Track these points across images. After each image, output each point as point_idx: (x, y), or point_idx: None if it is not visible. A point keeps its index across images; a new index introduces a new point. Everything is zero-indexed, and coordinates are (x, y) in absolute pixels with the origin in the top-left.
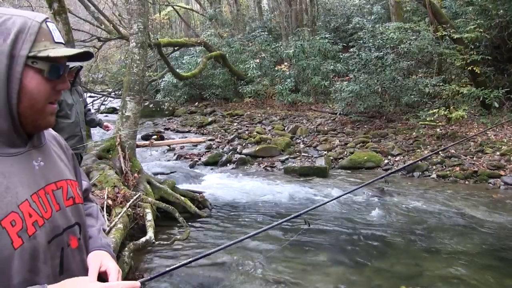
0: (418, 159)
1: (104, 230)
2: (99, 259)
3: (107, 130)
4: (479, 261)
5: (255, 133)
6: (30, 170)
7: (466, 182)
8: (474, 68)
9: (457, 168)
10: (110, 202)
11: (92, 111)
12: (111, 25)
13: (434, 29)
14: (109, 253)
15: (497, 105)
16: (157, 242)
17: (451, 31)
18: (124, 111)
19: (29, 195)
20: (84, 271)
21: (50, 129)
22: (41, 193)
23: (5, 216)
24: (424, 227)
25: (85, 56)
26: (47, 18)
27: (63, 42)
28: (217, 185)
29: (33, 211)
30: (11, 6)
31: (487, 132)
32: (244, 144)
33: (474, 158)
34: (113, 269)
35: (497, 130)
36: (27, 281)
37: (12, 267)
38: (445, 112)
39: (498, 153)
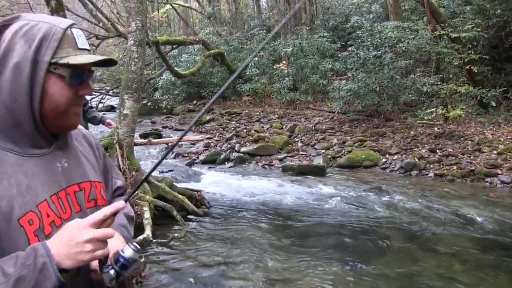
0: None
1: (131, 218)
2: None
3: (110, 127)
4: (476, 259)
5: (253, 132)
6: (52, 171)
7: (463, 181)
8: (472, 67)
9: (455, 167)
10: None
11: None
12: (109, 23)
13: (432, 28)
14: (121, 233)
15: (494, 104)
16: (154, 240)
17: (449, 30)
18: (122, 109)
19: (48, 196)
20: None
21: (83, 128)
22: (62, 194)
23: (23, 215)
24: (422, 226)
25: (108, 62)
26: (73, 24)
27: (88, 48)
28: (215, 183)
29: (51, 211)
30: (8, 3)
31: (485, 131)
32: (242, 143)
33: (471, 157)
34: (119, 241)
35: (494, 129)
36: None
37: None
38: (443, 111)
39: (495, 152)
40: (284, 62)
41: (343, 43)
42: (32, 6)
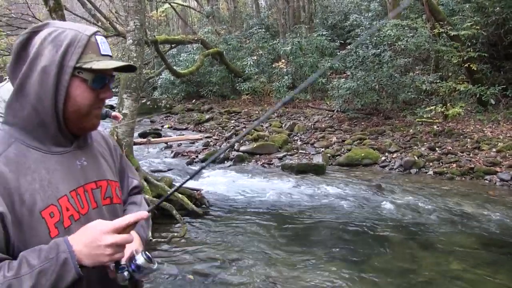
0: None
1: (147, 218)
2: None
3: (117, 120)
4: (475, 256)
5: (252, 130)
6: (72, 169)
7: (463, 179)
8: (471, 65)
9: (454, 165)
10: None
11: None
12: (108, 22)
13: (431, 26)
14: (138, 233)
15: (493, 102)
16: (154, 240)
17: (448, 28)
18: (121, 109)
19: (68, 191)
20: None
21: (102, 130)
22: (80, 191)
23: (45, 207)
24: (421, 223)
25: (129, 68)
26: (97, 31)
27: (110, 54)
28: (215, 182)
29: (70, 206)
30: (6, 3)
31: (484, 129)
32: (241, 141)
33: (471, 155)
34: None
35: (493, 126)
36: None
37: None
38: (442, 109)
39: (494, 149)
40: (283, 60)
41: (342, 42)
42: (30, 5)
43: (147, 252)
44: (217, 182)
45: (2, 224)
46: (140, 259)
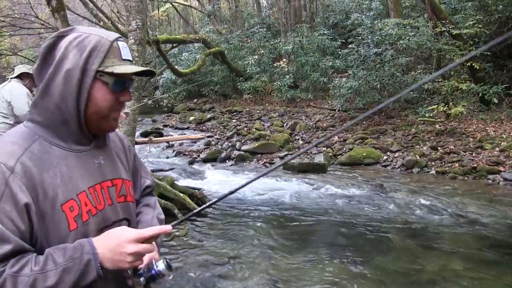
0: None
1: (161, 220)
2: None
3: (121, 120)
4: (478, 257)
5: (254, 130)
6: (90, 166)
7: (465, 178)
8: (473, 64)
9: (456, 165)
10: None
11: None
12: (110, 22)
13: (433, 25)
14: (155, 242)
15: (496, 101)
16: None
17: (450, 27)
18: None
19: (86, 187)
20: None
21: (119, 131)
22: (97, 187)
23: (66, 201)
24: (423, 223)
25: (148, 73)
26: (120, 37)
27: (131, 59)
28: (216, 181)
29: (88, 201)
30: (9, 3)
31: (487, 128)
32: (243, 141)
33: (473, 154)
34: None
35: (497, 126)
36: None
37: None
38: (444, 108)
39: (497, 149)
40: (284, 60)
41: (344, 41)
42: (33, 6)
43: (168, 260)
44: (218, 181)
45: (28, 215)
46: (161, 265)
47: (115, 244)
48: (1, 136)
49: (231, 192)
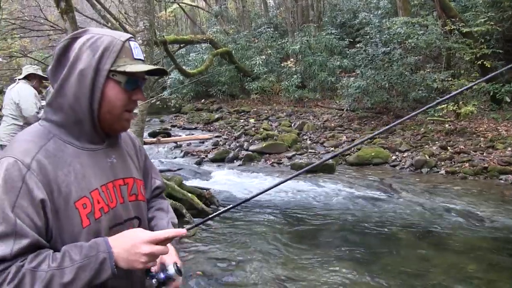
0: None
1: (174, 224)
2: None
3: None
4: (490, 259)
5: (261, 130)
6: (103, 165)
7: (476, 179)
8: (484, 62)
9: (467, 164)
10: None
11: None
12: (117, 23)
13: (442, 23)
14: (172, 245)
15: (508, 100)
16: None
17: (460, 25)
18: None
19: (99, 185)
20: None
21: (131, 132)
22: (110, 186)
23: (79, 198)
24: (433, 224)
25: (160, 72)
26: (131, 37)
27: (143, 59)
28: (224, 181)
29: (101, 199)
30: (19, 5)
31: (498, 127)
32: (250, 141)
33: (484, 154)
34: (173, 252)
35: (509, 125)
36: None
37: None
38: (454, 108)
39: (509, 148)
40: (292, 59)
41: (351, 40)
42: (42, 8)
43: (178, 265)
44: (226, 182)
45: (44, 211)
46: (171, 270)
47: (130, 244)
48: (17, 135)
49: (257, 195)
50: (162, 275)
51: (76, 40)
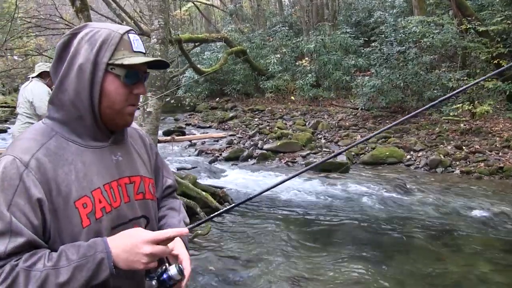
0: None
1: (186, 224)
2: (173, 243)
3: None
4: (505, 259)
5: (276, 129)
6: (108, 163)
7: (491, 178)
8: (501, 62)
9: (482, 164)
10: None
11: None
12: (132, 21)
13: (458, 22)
14: (183, 241)
15: None
16: None
17: (476, 24)
18: (145, 107)
19: (102, 184)
20: None
21: (139, 128)
22: (114, 184)
23: (79, 198)
24: (448, 224)
25: (161, 64)
26: (131, 30)
27: (144, 51)
28: (238, 180)
29: (103, 198)
30: (35, 4)
31: None
32: (265, 140)
33: (500, 154)
34: (185, 255)
35: None
36: None
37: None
38: (469, 107)
39: None
40: (306, 58)
41: (366, 39)
42: (57, 7)
43: (180, 265)
44: (240, 180)
45: (41, 210)
46: (173, 270)
47: (131, 244)
48: (21, 133)
49: (265, 191)
50: (164, 276)
51: (76, 36)
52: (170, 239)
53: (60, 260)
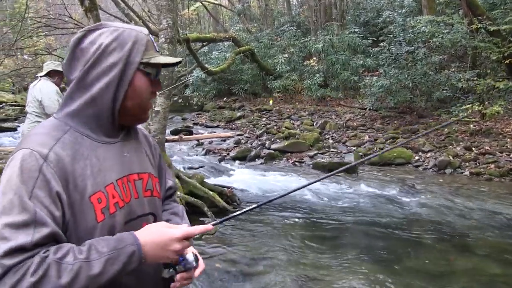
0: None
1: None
2: None
3: None
4: None
5: (283, 128)
6: (119, 159)
7: (502, 180)
8: None
9: (492, 166)
10: None
11: None
12: (141, 21)
13: (468, 21)
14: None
15: None
16: None
17: (487, 23)
18: (153, 106)
19: (115, 179)
20: None
21: (144, 129)
22: (125, 180)
23: (94, 193)
24: (457, 226)
25: (170, 64)
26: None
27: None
28: (246, 180)
29: (116, 193)
30: (45, 4)
31: None
32: (272, 139)
33: (511, 155)
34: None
35: None
36: None
37: (94, 238)
38: (479, 108)
39: None
40: (314, 58)
41: (375, 39)
42: (67, 6)
43: (195, 252)
44: (248, 180)
45: (60, 203)
46: (190, 258)
47: (162, 241)
48: (32, 129)
49: (283, 195)
50: (182, 264)
51: (91, 33)
52: (196, 235)
53: (91, 253)
